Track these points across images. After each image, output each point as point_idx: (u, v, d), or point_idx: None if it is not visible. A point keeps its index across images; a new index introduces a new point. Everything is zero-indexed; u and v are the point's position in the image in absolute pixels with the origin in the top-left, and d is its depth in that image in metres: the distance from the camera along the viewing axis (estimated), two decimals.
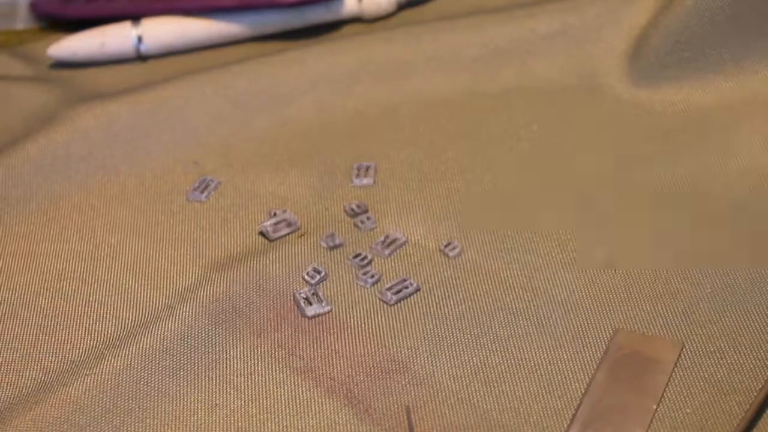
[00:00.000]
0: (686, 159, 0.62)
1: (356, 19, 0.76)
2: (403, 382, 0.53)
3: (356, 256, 0.59)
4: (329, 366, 0.54)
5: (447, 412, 0.52)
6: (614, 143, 0.64)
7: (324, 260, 0.59)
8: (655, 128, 0.64)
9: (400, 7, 0.76)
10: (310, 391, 0.53)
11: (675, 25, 0.67)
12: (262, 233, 0.61)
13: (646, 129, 0.65)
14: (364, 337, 0.55)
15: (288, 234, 0.61)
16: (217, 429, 0.52)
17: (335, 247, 0.60)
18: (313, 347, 0.55)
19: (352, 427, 0.52)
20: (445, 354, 0.54)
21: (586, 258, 0.58)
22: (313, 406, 0.53)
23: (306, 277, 0.58)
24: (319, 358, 0.55)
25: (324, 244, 0.60)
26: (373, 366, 0.54)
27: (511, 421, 0.52)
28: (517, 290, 0.57)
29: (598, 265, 0.58)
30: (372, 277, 0.58)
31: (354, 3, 0.75)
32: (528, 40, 0.70)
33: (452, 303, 0.56)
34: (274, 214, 0.62)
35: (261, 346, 0.55)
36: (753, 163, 0.61)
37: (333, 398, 0.53)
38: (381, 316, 0.56)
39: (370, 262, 0.59)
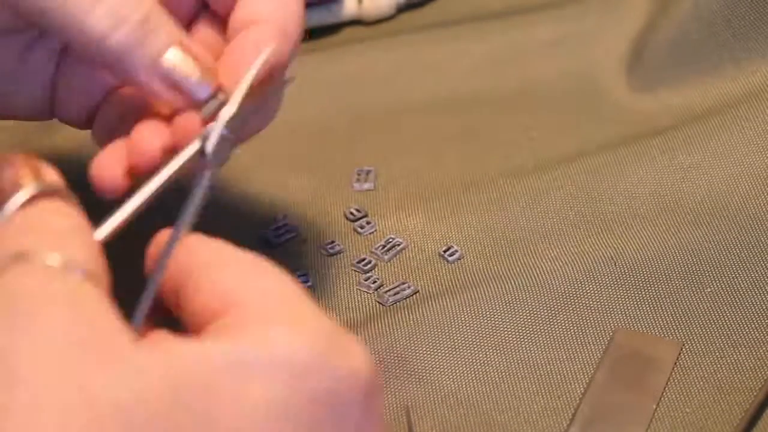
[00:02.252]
0: (686, 161, 0.64)
1: (356, 21, 0.78)
2: (402, 383, 0.56)
3: (359, 261, 0.62)
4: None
5: (446, 412, 0.54)
6: (614, 146, 0.66)
7: (324, 265, 0.62)
8: (655, 131, 0.67)
9: (400, 10, 0.79)
10: None
11: (673, 28, 0.69)
12: (262, 238, 0.64)
13: (646, 132, 0.67)
14: (365, 338, 0.57)
15: (289, 239, 0.63)
16: None
17: (336, 253, 0.62)
18: None
19: None
20: (445, 355, 0.57)
21: (586, 259, 0.60)
22: None
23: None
24: None
25: (324, 251, 0.62)
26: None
27: (510, 420, 0.54)
28: (516, 292, 0.59)
29: (598, 266, 0.60)
30: (374, 282, 0.60)
31: (354, 5, 0.77)
32: (528, 47, 0.73)
33: (451, 306, 0.59)
34: (275, 219, 0.64)
35: None
36: (753, 162, 0.63)
37: None
38: (381, 318, 0.59)
39: (373, 267, 0.61)
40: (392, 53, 0.74)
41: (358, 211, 0.64)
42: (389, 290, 0.60)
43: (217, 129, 0.48)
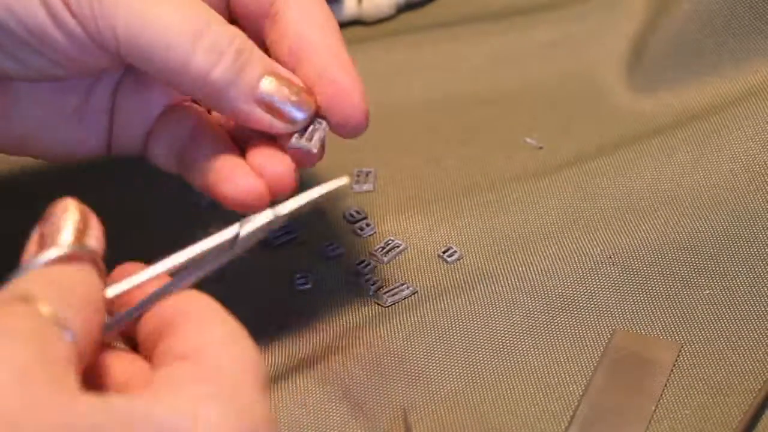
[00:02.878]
0: (686, 161, 0.65)
1: (356, 21, 0.79)
2: (400, 384, 0.56)
3: (359, 263, 0.62)
4: (325, 358, 0.58)
5: (444, 414, 0.55)
6: (613, 147, 0.67)
7: (323, 267, 0.62)
8: (655, 131, 0.67)
9: (400, 10, 0.79)
10: (306, 381, 0.56)
11: (673, 28, 0.70)
12: (261, 240, 0.64)
13: (646, 132, 0.67)
14: (363, 340, 0.58)
15: (288, 241, 0.64)
16: None
17: (335, 255, 0.63)
18: (317, 349, 0.58)
19: (348, 425, 0.55)
20: (443, 356, 0.57)
21: (585, 261, 0.61)
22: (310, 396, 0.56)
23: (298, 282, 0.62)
24: (320, 356, 0.58)
25: (323, 253, 0.63)
26: (369, 362, 0.57)
27: (509, 422, 0.55)
28: (515, 294, 0.60)
29: (596, 266, 0.61)
30: (373, 284, 0.61)
31: (354, 5, 0.78)
32: (528, 47, 0.74)
33: (450, 307, 0.60)
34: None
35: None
36: (752, 159, 0.64)
37: (327, 390, 0.56)
38: (379, 320, 0.59)
39: (373, 269, 0.62)
40: (392, 53, 0.75)
41: (357, 212, 0.65)
42: (388, 291, 0.60)
43: (257, 223, 0.49)
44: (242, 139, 0.54)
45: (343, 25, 0.78)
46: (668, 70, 0.70)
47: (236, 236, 0.48)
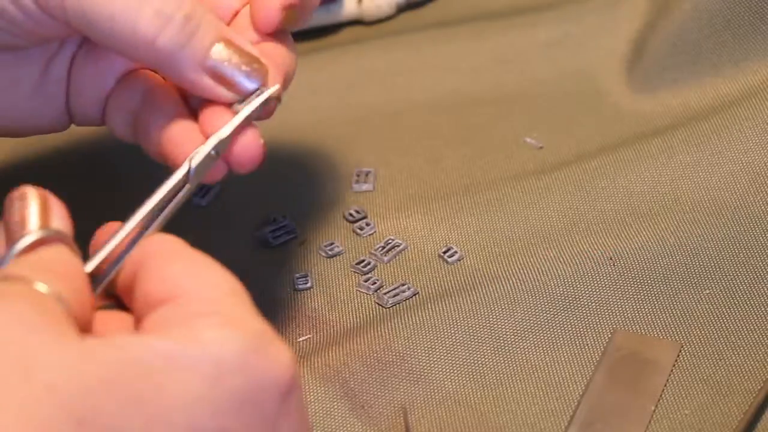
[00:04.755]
0: (686, 161, 0.65)
1: (356, 21, 0.79)
2: (401, 384, 0.57)
3: (359, 262, 0.62)
4: (326, 357, 0.58)
5: (444, 413, 0.55)
6: (614, 147, 0.67)
7: (323, 267, 0.62)
8: (654, 131, 0.68)
9: (400, 10, 0.80)
10: (307, 380, 0.57)
11: (673, 29, 0.70)
12: (261, 240, 0.64)
13: (646, 132, 0.68)
14: (363, 339, 0.59)
15: (288, 241, 0.64)
16: None
17: (335, 254, 0.63)
18: (317, 348, 0.59)
19: (348, 424, 0.55)
20: (443, 356, 0.58)
21: (585, 261, 0.61)
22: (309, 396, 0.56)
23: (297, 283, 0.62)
24: (318, 352, 0.58)
25: (323, 252, 0.63)
26: (370, 362, 0.57)
27: (509, 422, 0.55)
28: (515, 293, 0.60)
29: (597, 266, 0.61)
30: (374, 284, 0.61)
31: (354, 5, 0.78)
32: (528, 47, 0.74)
33: (450, 307, 0.60)
34: (274, 220, 0.65)
35: None
36: (752, 161, 0.64)
37: (328, 389, 0.56)
38: (380, 319, 0.59)
39: (373, 269, 0.62)
40: (392, 53, 0.75)
41: (357, 212, 0.65)
42: (389, 292, 0.60)
43: (203, 152, 0.49)
44: (196, 101, 0.53)
45: (343, 25, 0.79)
46: (668, 70, 0.70)
47: (188, 171, 0.49)
